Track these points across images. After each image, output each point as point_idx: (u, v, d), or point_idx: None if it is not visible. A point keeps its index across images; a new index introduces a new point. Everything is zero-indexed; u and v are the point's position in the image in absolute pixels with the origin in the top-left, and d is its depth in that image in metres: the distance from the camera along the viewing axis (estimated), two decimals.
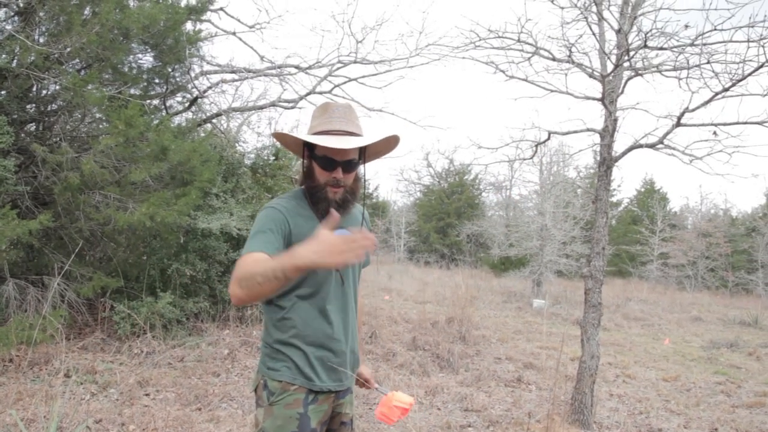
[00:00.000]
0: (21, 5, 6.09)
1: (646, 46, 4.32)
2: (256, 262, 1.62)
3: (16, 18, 6.24)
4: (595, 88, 4.89)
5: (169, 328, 6.58)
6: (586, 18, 4.66)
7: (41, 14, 6.10)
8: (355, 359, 2.08)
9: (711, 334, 11.89)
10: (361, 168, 2.06)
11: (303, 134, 1.94)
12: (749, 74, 4.03)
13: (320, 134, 1.91)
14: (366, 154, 2.08)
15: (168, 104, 8.55)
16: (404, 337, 7.75)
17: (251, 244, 1.77)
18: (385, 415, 2.07)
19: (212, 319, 7.25)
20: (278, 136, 2.02)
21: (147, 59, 7.69)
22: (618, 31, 4.58)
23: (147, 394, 4.85)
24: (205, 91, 8.99)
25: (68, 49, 5.68)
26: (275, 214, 1.88)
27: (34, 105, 6.65)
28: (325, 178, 1.91)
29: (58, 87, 6.20)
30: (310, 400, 1.92)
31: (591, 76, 4.88)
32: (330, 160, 1.89)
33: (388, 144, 2.04)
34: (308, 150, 1.97)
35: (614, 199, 33.11)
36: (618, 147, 4.95)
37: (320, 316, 1.94)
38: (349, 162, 1.91)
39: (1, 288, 5.64)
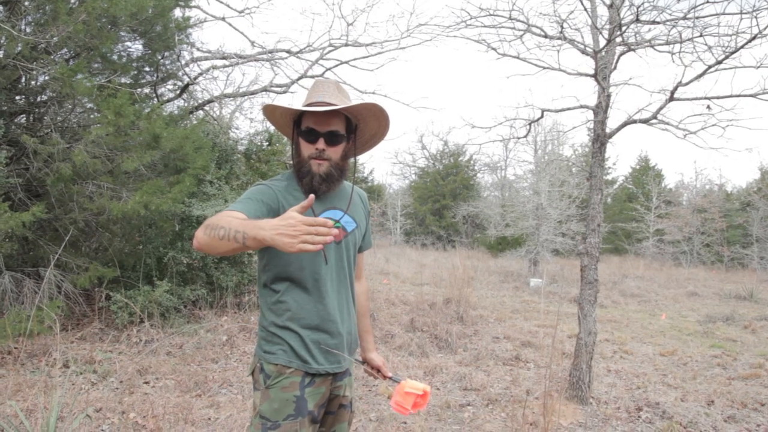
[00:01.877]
0: None
1: (638, 20, 4.29)
2: (229, 217, 1.60)
3: (1, 8, 6.15)
4: (588, 65, 4.87)
5: (167, 316, 6.59)
6: None
7: (26, 3, 6.02)
8: (352, 340, 2.07)
9: (707, 308, 11.97)
10: (350, 148, 2.03)
11: (283, 104, 1.94)
12: (742, 46, 4.01)
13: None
14: (357, 141, 2.06)
15: (159, 92, 8.50)
16: (402, 318, 7.78)
17: (234, 205, 1.78)
18: (400, 405, 1.99)
19: (210, 306, 7.26)
20: (266, 110, 1.98)
21: (136, 47, 7.62)
22: (610, 6, 4.55)
23: (147, 382, 4.86)
24: (195, 78, 8.93)
25: (55, 39, 5.61)
26: (265, 189, 1.90)
27: (23, 96, 6.58)
28: (309, 151, 1.90)
29: (46, 77, 6.13)
30: (306, 382, 1.92)
31: (583, 52, 4.85)
32: (312, 131, 1.89)
33: (378, 124, 2.01)
34: (296, 128, 1.97)
35: (609, 177, 33.15)
36: (612, 123, 4.94)
37: (314, 298, 1.93)
38: (331, 133, 1.89)
39: None
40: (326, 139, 1.88)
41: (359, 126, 2.02)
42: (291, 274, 1.92)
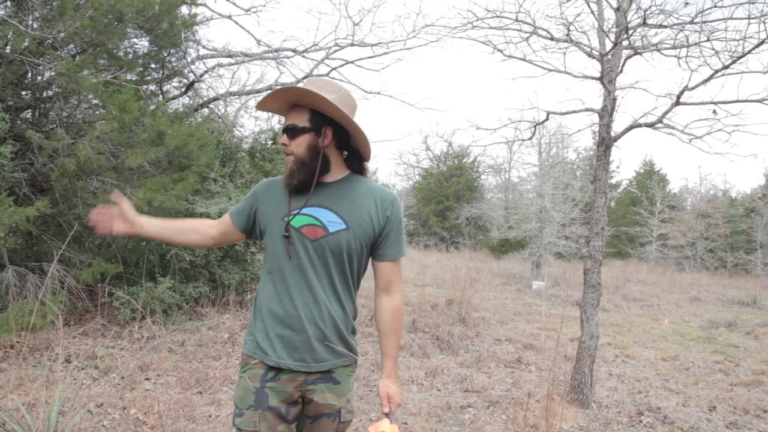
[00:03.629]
0: None
1: (645, 24, 4.28)
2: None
3: (8, 3, 6.17)
4: (594, 68, 4.86)
5: (169, 313, 6.60)
6: None
7: None
8: (330, 344, 1.95)
9: (710, 314, 11.94)
10: (319, 140, 1.91)
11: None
12: (749, 51, 4.00)
13: None
14: (356, 135, 1.95)
15: (164, 89, 8.51)
16: (404, 319, 7.77)
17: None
18: None
19: (212, 303, 7.27)
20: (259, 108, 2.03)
21: (142, 44, 7.63)
22: (617, 9, 4.54)
23: (148, 379, 4.87)
24: (201, 76, 8.94)
25: (62, 34, 5.62)
26: (255, 188, 2.06)
27: (29, 91, 6.59)
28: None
29: (53, 73, 6.15)
30: (269, 376, 1.90)
31: (590, 55, 4.84)
32: (282, 128, 1.95)
33: (337, 113, 1.87)
34: None
35: (613, 181, 33.10)
36: (617, 127, 4.93)
37: (280, 291, 1.93)
38: (289, 127, 1.91)
39: (1, 275, 5.64)
40: (287, 134, 1.91)
41: (337, 117, 1.90)
42: (267, 266, 1.98)
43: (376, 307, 2.09)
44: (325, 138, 1.91)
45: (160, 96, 8.21)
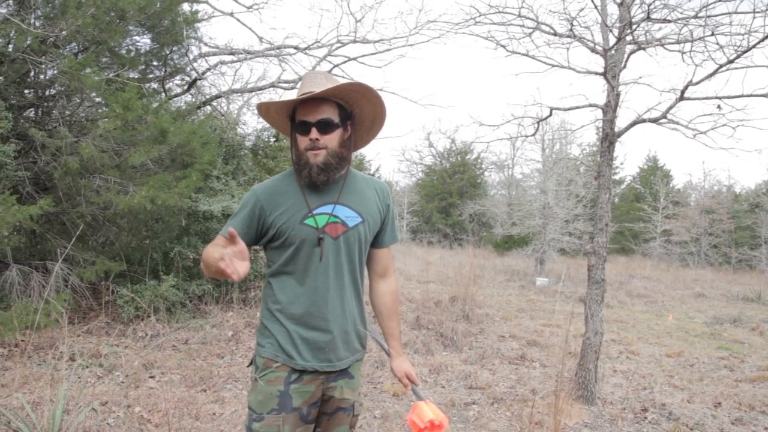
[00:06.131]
0: None
1: (649, 18, 4.25)
2: (209, 251, 1.83)
3: (10, 1, 6.17)
4: (597, 63, 4.83)
5: (173, 311, 6.60)
6: None
7: None
8: (350, 339, 2.00)
9: (714, 310, 11.90)
10: (350, 136, 1.98)
11: (270, 101, 1.94)
12: (754, 45, 3.97)
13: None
14: (360, 130, 2.05)
15: (167, 87, 8.50)
16: (408, 316, 7.77)
17: (224, 226, 1.92)
18: (411, 426, 1.93)
19: (216, 301, 7.27)
20: (261, 110, 1.97)
21: (144, 41, 7.62)
22: (620, 4, 4.51)
23: (152, 377, 4.87)
24: (203, 73, 8.93)
25: (64, 33, 5.62)
26: (249, 197, 1.95)
27: (32, 90, 6.60)
28: (304, 143, 1.87)
29: (55, 71, 6.15)
30: (293, 379, 1.90)
31: (593, 50, 4.81)
32: (304, 122, 1.87)
33: (373, 107, 1.96)
34: (292, 123, 1.95)
35: (617, 177, 33.02)
36: (621, 122, 4.89)
37: (306, 294, 1.91)
38: (322, 121, 1.85)
39: (5, 274, 5.64)
40: (318, 128, 1.85)
41: (355, 112, 1.97)
42: (285, 269, 1.93)
43: (375, 292, 2.17)
44: (346, 133, 1.95)
45: (163, 94, 8.20)
